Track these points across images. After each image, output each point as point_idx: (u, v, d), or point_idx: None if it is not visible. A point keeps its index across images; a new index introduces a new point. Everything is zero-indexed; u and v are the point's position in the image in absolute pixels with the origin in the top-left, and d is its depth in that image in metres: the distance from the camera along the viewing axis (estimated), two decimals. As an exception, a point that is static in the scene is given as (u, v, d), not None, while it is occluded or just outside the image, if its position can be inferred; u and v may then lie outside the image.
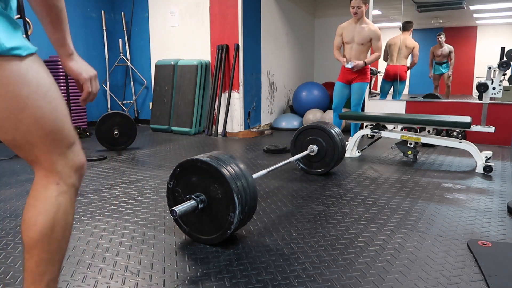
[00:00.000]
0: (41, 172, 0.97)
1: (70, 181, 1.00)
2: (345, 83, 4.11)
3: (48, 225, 0.96)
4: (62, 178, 0.98)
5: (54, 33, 1.02)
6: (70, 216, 1.02)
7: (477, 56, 5.80)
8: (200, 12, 5.48)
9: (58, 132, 0.96)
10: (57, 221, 0.98)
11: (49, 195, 0.97)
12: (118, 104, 6.31)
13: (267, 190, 2.83)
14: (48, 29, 1.02)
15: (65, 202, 0.99)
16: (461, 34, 5.93)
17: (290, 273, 1.64)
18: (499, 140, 4.52)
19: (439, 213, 2.34)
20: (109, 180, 3.10)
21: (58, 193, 0.98)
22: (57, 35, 1.03)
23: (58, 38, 1.03)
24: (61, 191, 0.98)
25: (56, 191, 0.97)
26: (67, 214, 1.00)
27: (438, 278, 1.59)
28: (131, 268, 1.69)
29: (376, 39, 3.93)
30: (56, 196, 0.97)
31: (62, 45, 1.05)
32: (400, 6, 5.32)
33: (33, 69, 0.89)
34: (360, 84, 4.06)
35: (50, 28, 1.02)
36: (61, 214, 0.98)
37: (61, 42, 1.04)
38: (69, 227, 1.02)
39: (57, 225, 0.98)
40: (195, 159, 1.86)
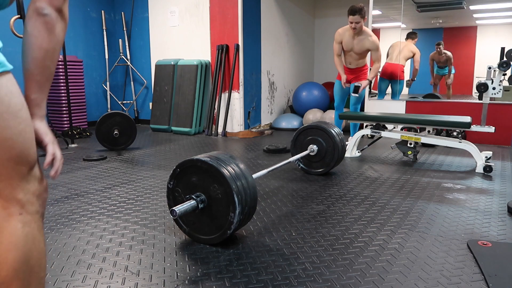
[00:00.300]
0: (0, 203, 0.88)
1: (33, 208, 0.92)
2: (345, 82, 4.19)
3: (21, 260, 0.89)
4: (24, 206, 0.89)
5: (35, 92, 0.93)
6: (41, 244, 0.94)
7: (477, 56, 5.79)
8: (200, 12, 5.48)
9: (24, 156, 0.87)
10: (29, 254, 0.90)
11: (13, 228, 0.88)
12: (118, 104, 6.31)
13: (267, 190, 2.83)
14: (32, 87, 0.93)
15: (32, 232, 0.91)
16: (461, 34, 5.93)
17: (290, 273, 1.64)
18: (499, 140, 4.52)
19: (439, 213, 2.34)
20: (109, 180, 3.10)
21: (22, 224, 0.89)
22: (39, 95, 0.94)
23: (38, 98, 0.94)
24: (25, 221, 0.89)
25: (20, 222, 0.88)
26: (38, 243, 0.92)
27: (438, 278, 1.59)
28: (131, 268, 1.69)
29: (375, 49, 3.96)
30: (22, 228, 0.89)
31: (38, 105, 0.95)
32: (400, 6, 5.32)
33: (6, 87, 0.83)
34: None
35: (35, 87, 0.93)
36: (31, 245, 0.90)
37: (39, 102, 0.95)
38: (43, 255, 0.95)
39: (30, 258, 0.91)
40: (195, 159, 1.86)
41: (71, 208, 2.46)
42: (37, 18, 0.89)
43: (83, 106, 5.62)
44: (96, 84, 6.19)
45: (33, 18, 0.89)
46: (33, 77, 0.92)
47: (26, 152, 0.88)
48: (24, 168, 0.88)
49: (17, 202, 0.89)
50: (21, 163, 0.87)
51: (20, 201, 0.89)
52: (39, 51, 0.90)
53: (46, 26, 0.90)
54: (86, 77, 5.92)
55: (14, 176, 0.87)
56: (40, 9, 0.89)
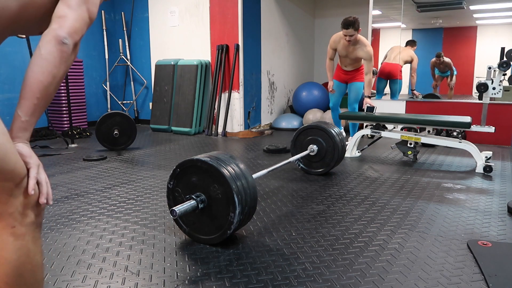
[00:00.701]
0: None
1: (27, 220, 0.89)
2: (342, 82, 4.25)
3: (13, 274, 0.86)
4: (17, 219, 0.86)
5: (29, 115, 0.90)
6: (37, 256, 0.92)
7: (477, 56, 5.80)
8: (200, 12, 5.48)
9: (8, 171, 0.83)
10: (22, 268, 0.88)
11: (4, 242, 0.86)
12: (118, 104, 6.31)
13: (267, 190, 2.83)
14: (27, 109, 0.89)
15: (26, 245, 0.88)
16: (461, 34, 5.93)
17: (290, 273, 1.64)
18: (499, 140, 4.52)
19: (439, 213, 2.34)
20: (109, 180, 3.10)
21: (15, 238, 0.86)
22: (30, 118, 0.90)
23: (28, 122, 0.91)
24: (19, 234, 0.87)
25: (12, 235, 0.86)
26: (32, 256, 0.90)
27: (438, 278, 1.59)
28: (131, 268, 1.69)
29: (368, 60, 3.96)
30: (14, 241, 0.86)
31: (26, 129, 0.91)
32: (400, 6, 5.32)
33: None
34: (357, 83, 4.17)
35: (30, 109, 0.89)
36: (24, 259, 0.88)
37: (27, 126, 0.91)
38: (38, 268, 0.93)
39: (24, 272, 0.88)
40: (195, 159, 1.86)
41: (71, 208, 2.46)
42: (56, 45, 0.90)
43: (83, 106, 5.62)
44: (96, 84, 6.19)
45: (52, 44, 0.90)
46: (32, 100, 0.89)
47: (9, 168, 0.83)
48: (10, 184, 0.85)
49: (8, 215, 0.86)
50: (6, 179, 0.84)
51: (12, 214, 0.86)
52: (48, 76, 0.90)
53: (62, 54, 0.91)
54: (86, 77, 5.92)
55: (2, 192, 0.84)
56: (62, 38, 0.90)
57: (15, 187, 0.86)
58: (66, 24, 0.92)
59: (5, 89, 4.91)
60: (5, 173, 0.83)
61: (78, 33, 0.95)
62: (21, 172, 0.87)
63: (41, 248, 0.95)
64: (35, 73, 0.89)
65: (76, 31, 0.94)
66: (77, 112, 5.51)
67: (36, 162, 0.92)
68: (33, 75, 0.89)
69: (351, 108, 4.25)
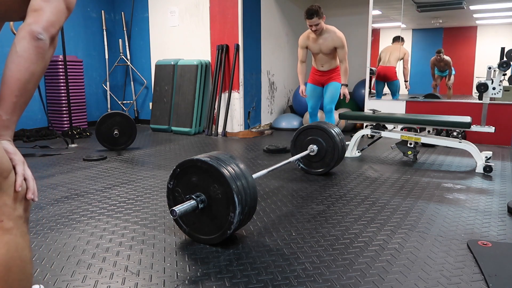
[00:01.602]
0: None
1: (15, 214, 0.88)
2: (318, 85, 4.06)
3: (2, 269, 0.86)
4: (5, 213, 0.86)
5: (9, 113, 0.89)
6: (26, 251, 0.91)
7: (477, 56, 5.79)
8: (200, 12, 5.48)
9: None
10: (11, 262, 0.87)
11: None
12: (118, 104, 6.31)
13: (267, 190, 2.83)
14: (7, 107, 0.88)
15: (14, 239, 0.88)
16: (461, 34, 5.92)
17: (290, 273, 1.64)
18: (499, 140, 4.52)
19: (439, 213, 2.34)
20: (109, 180, 3.10)
21: (3, 232, 0.86)
22: (11, 117, 0.90)
23: (10, 120, 0.90)
24: (7, 228, 0.86)
25: (0, 230, 0.86)
26: (21, 250, 0.89)
27: (438, 278, 1.59)
28: (131, 268, 1.69)
29: (341, 47, 3.77)
30: (2, 236, 0.86)
31: (8, 127, 0.90)
32: (400, 6, 5.32)
33: None
34: (334, 83, 3.94)
35: (10, 108, 0.88)
36: (13, 253, 0.87)
37: (9, 124, 0.91)
38: (27, 262, 0.92)
39: (12, 266, 0.87)
40: (195, 159, 1.86)
41: (71, 208, 2.46)
42: (31, 41, 0.88)
43: (83, 106, 5.62)
44: (96, 84, 6.19)
45: (26, 40, 0.88)
46: (11, 98, 0.88)
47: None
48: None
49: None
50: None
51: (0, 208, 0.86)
52: (25, 73, 0.88)
53: (38, 50, 0.89)
54: (86, 77, 5.92)
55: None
56: (36, 33, 0.88)
57: (3, 180, 0.86)
58: (41, 18, 0.90)
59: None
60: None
61: (55, 26, 0.92)
62: (8, 166, 0.87)
63: (29, 242, 0.94)
64: (12, 71, 0.87)
65: (53, 24, 0.91)
66: (77, 112, 5.52)
67: (21, 159, 0.92)
68: (9, 73, 0.87)
69: (326, 109, 3.98)
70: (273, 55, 5.99)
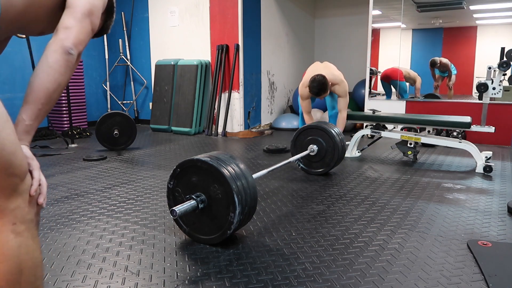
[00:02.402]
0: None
1: (28, 217, 0.90)
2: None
3: (14, 271, 0.88)
4: (18, 216, 0.88)
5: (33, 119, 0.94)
6: (36, 253, 0.93)
7: (477, 56, 5.79)
8: (200, 12, 5.48)
9: (16, 166, 0.86)
10: (23, 264, 0.89)
11: (5, 239, 0.87)
12: (118, 104, 6.31)
13: (267, 190, 2.83)
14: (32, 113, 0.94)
15: (26, 242, 0.90)
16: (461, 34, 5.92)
17: (290, 273, 1.64)
18: (499, 140, 4.52)
19: (439, 213, 2.34)
20: (109, 180, 3.10)
21: (15, 234, 0.88)
22: (33, 123, 0.95)
23: (32, 125, 0.95)
24: (19, 231, 0.88)
25: (13, 232, 0.87)
26: (32, 252, 0.92)
27: (438, 278, 1.59)
28: (131, 268, 1.69)
29: (343, 96, 3.69)
30: (14, 238, 0.87)
31: (29, 132, 0.95)
32: (400, 6, 5.32)
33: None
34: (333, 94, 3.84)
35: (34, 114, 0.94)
36: (25, 256, 0.89)
37: (30, 130, 0.95)
38: (38, 264, 0.94)
39: (24, 268, 0.89)
40: (195, 159, 1.86)
41: (71, 208, 2.46)
42: (62, 54, 0.96)
43: (83, 106, 5.62)
44: (96, 84, 6.19)
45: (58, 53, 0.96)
46: (37, 105, 0.94)
47: (18, 163, 0.86)
48: (16, 179, 0.87)
49: (10, 212, 0.87)
50: (13, 174, 0.86)
51: (13, 211, 0.87)
52: (54, 84, 0.95)
53: (67, 64, 0.97)
54: (86, 77, 5.92)
55: (6, 187, 0.86)
56: (68, 48, 0.97)
57: (20, 183, 0.88)
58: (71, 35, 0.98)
59: (5, 89, 4.91)
60: (13, 168, 0.85)
61: (82, 44, 1.01)
62: (26, 169, 0.90)
63: (39, 245, 0.96)
64: (42, 80, 0.94)
65: (81, 42, 1.01)
66: (77, 112, 5.52)
67: (37, 164, 0.96)
68: (39, 81, 0.94)
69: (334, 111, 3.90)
70: (273, 55, 5.99)
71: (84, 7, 1.02)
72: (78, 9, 1.01)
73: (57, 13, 1.03)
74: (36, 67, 0.95)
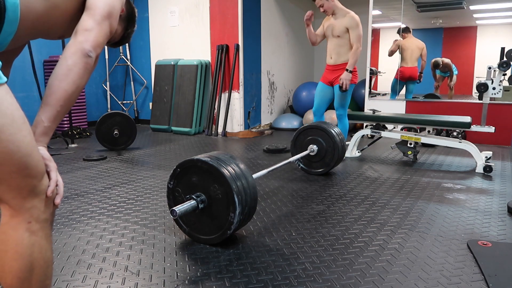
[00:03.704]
0: (7, 211, 0.88)
1: (43, 217, 0.92)
2: (327, 84, 3.69)
3: (26, 269, 0.89)
4: (33, 215, 0.89)
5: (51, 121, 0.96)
6: (48, 253, 0.95)
7: (477, 56, 5.80)
8: (200, 12, 5.48)
9: (32, 167, 0.87)
10: (35, 263, 0.90)
11: (20, 237, 0.88)
12: (118, 104, 6.30)
13: (267, 190, 2.83)
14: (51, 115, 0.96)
15: (39, 241, 0.91)
16: (461, 34, 5.93)
17: (290, 273, 1.64)
18: (499, 140, 4.52)
19: (439, 213, 2.34)
20: (109, 180, 3.10)
21: (30, 233, 0.89)
22: (51, 124, 0.97)
23: (50, 127, 0.97)
24: (33, 230, 0.90)
25: (27, 231, 0.89)
26: (44, 251, 0.93)
27: (438, 278, 1.59)
28: (131, 268, 1.69)
29: (353, 27, 3.47)
30: (29, 237, 0.89)
31: (47, 133, 0.97)
32: (400, 6, 5.32)
33: (6, 100, 0.82)
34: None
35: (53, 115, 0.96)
36: (37, 254, 0.91)
37: (48, 131, 0.97)
38: (49, 264, 0.96)
39: (36, 267, 0.91)
40: (196, 159, 1.86)
41: (71, 208, 2.46)
42: (81, 57, 0.96)
43: (83, 106, 5.62)
44: (96, 84, 6.18)
45: (77, 55, 0.96)
46: (56, 107, 0.95)
47: (34, 164, 0.87)
48: (34, 180, 0.88)
49: (25, 211, 0.88)
50: (30, 175, 0.87)
51: (29, 210, 0.89)
52: (73, 86, 0.96)
53: (86, 66, 0.98)
54: (86, 77, 5.91)
55: (23, 188, 0.87)
56: (87, 51, 0.97)
57: (37, 184, 0.89)
58: (91, 38, 0.99)
59: (5, 89, 4.91)
60: (29, 169, 0.86)
61: (100, 46, 1.02)
62: (43, 171, 0.91)
63: (52, 245, 0.97)
64: (61, 82, 0.95)
65: (99, 45, 1.01)
66: (77, 112, 5.51)
67: (55, 165, 0.97)
68: (59, 84, 0.94)
69: (337, 113, 3.71)
70: (273, 55, 5.99)
71: (104, 10, 1.02)
72: (98, 11, 1.01)
73: (77, 17, 1.03)
74: (55, 69, 0.96)
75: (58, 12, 1.00)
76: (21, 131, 0.84)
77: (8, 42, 0.92)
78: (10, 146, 0.81)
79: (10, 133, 0.81)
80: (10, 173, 0.84)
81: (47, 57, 5.37)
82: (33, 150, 0.87)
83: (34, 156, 0.87)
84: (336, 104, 3.67)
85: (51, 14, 0.98)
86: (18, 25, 0.90)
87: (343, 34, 3.55)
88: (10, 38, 0.91)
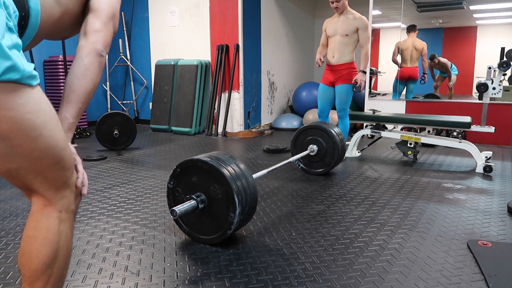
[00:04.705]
0: (41, 201, 0.94)
1: (72, 207, 0.99)
2: (328, 85, 3.70)
3: (52, 255, 0.94)
4: (64, 206, 0.96)
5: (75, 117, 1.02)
6: (71, 243, 1.01)
7: (477, 56, 5.80)
8: (200, 12, 5.48)
9: (67, 160, 0.94)
10: (60, 251, 0.96)
11: (51, 224, 0.94)
12: (118, 104, 6.30)
13: (267, 190, 2.83)
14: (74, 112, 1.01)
15: (66, 230, 0.97)
16: (461, 34, 5.93)
17: (290, 273, 1.64)
18: (499, 140, 4.52)
19: (439, 213, 2.34)
20: (109, 180, 3.10)
21: (60, 221, 0.95)
22: (75, 120, 1.02)
23: (74, 123, 1.03)
24: (63, 219, 0.96)
25: (58, 219, 0.95)
26: (68, 241, 0.99)
27: (438, 278, 1.59)
28: (131, 268, 1.69)
29: (363, 28, 3.53)
30: (58, 225, 0.95)
31: (71, 129, 1.03)
32: (400, 6, 5.32)
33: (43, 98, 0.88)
34: (343, 86, 3.60)
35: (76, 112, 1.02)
36: (63, 243, 0.97)
37: (72, 127, 1.03)
38: (70, 254, 1.01)
39: (59, 255, 0.96)
40: (196, 159, 1.86)
41: (71, 208, 2.45)
42: (96, 57, 1.03)
43: (83, 106, 5.61)
44: (96, 84, 6.18)
45: (92, 55, 1.03)
46: (78, 104, 1.01)
47: (67, 157, 0.95)
48: (67, 172, 0.96)
49: (58, 201, 0.95)
50: (65, 167, 0.94)
51: (60, 200, 0.95)
52: (91, 83, 1.03)
53: (100, 65, 1.05)
54: (86, 77, 5.91)
55: (59, 179, 0.94)
56: (100, 51, 1.04)
57: (70, 176, 0.97)
58: (102, 38, 1.05)
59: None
60: (64, 162, 0.93)
61: (109, 46, 1.09)
62: (73, 163, 0.99)
63: (73, 235, 1.03)
64: (81, 81, 1.01)
65: (108, 45, 1.08)
66: (77, 112, 5.50)
67: (80, 159, 1.05)
68: (79, 82, 1.01)
69: (339, 113, 3.70)
70: (273, 55, 5.99)
71: (108, 11, 1.07)
72: (103, 13, 1.06)
73: (80, 18, 1.08)
74: (73, 69, 1.01)
75: (68, 15, 1.04)
76: (58, 127, 0.91)
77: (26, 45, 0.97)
78: (51, 141, 0.88)
79: (50, 129, 0.88)
80: (49, 165, 0.90)
81: (47, 57, 5.37)
82: (67, 145, 0.95)
83: (68, 150, 0.95)
84: (337, 104, 3.68)
85: (63, 18, 1.03)
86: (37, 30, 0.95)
87: (352, 34, 3.58)
88: (28, 42, 0.96)
